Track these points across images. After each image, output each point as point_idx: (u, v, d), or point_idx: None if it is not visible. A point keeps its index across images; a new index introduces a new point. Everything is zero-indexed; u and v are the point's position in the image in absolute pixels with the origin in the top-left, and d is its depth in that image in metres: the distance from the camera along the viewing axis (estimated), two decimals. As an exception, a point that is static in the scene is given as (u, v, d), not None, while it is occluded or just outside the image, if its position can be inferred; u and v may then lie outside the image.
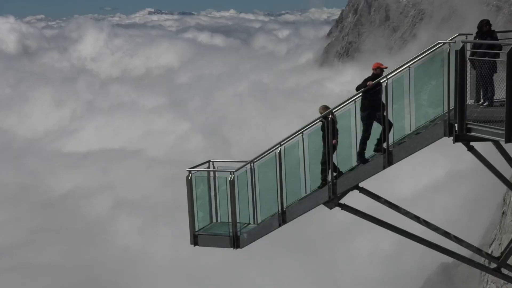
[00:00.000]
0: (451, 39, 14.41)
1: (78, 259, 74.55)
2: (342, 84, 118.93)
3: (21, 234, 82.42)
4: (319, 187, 15.97)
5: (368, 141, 15.17)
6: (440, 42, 14.35)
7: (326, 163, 15.80)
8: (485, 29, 16.30)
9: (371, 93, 14.84)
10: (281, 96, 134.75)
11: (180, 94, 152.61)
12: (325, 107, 15.73)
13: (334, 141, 15.58)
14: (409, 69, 14.81)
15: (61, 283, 68.33)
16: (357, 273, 61.38)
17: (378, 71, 15.19)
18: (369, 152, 15.19)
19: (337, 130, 15.60)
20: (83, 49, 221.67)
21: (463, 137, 14.03)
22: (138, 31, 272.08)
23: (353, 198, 16.07)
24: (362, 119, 15.03)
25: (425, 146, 14.29)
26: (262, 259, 58.38)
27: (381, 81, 14.77)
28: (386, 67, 15.12)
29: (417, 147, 14.31)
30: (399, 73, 14.81)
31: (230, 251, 17.01)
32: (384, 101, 14.72)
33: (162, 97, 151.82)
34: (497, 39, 16.21)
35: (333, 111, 15.43)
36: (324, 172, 15.89)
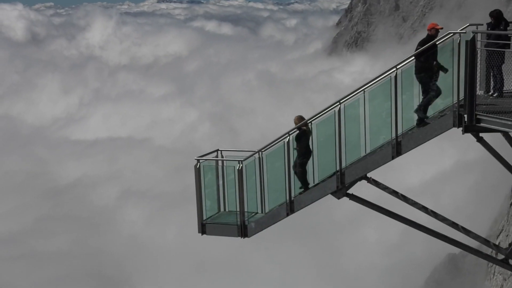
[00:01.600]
0: (461, 29, 14.35)
1: (85, 248, 74.87)
2: (351, 74, 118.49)
3: (29, 221, 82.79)
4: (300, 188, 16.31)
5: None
6: (450, 32, 14.30)
7: (298, 168, 16.17)
8: (492, 20, 16.27)
9: (425, 56, 14.64)
10: (289, 86, 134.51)
11: (188, 83, 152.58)
12: (301, 118, 15.95)
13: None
14: (419, 59, 14.78)
15: (68, 271, 68.70)
16: (364, 262, 61.48)
17: (433, 31, 14.97)
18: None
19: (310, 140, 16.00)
20: (92, 37, 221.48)
21: (473, 128, 14.01)
22: (146, 19, 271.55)
23: (361, 188, 16.08)
24: (419, 81, 14.88)
25: (434, 137, 14.27)
26: (269, 247, 58.49)
27: (437, 43, 14.65)
28: (441, 28, 14.95)
29: (426, 138, 14.30)
30: (408, 64, 14.79)
31: (238, 239, 17.05)
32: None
33: (170, 86, 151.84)
34: (506, 29, 16.18)
35: (315, 116, 15.63)
36: (300, 175, 16.31)
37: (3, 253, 73.35)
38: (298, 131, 15.98)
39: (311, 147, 15.98)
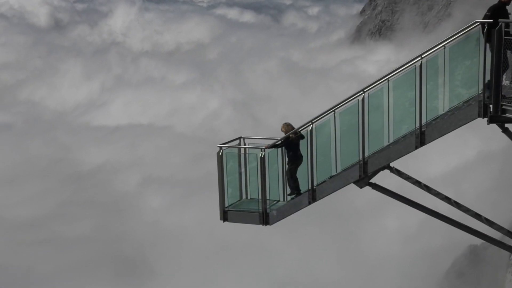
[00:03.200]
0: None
1: (107, 233, 75.47)
2: (374, 63, 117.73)
3: (52, 206, 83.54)
4: (292, 198, 16.42)
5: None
6: (477, 21, 14.18)
7: (288, 175, 16.39)
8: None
9: (491, 25, 14.33)
10: (311, 74, 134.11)
11: (209, 70, 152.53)
12: (287, 125, 16.08)
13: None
14: (444, 49, 14.68)
15: (91, 255, 69.34)
16: (384, 250, 61.47)
17: None
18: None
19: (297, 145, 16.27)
20: (114, 23, 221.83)
21: (498, 118, 13.92)
22: (169, 6, 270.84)
23: (383, 177, 16.07)
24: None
25: (459, 127, 14.20)
26: (290, 232, 58.66)
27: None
28: None
29: (451, 128, 14.22)
30: (433, 53, 14.70)
31: (259, 227, 17.15)
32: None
33: (192, 73, 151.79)
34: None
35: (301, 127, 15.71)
36: (293, 182, 16.49)
37: (26, 238, 74.18)
38: (287, 140, 16.21)
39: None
